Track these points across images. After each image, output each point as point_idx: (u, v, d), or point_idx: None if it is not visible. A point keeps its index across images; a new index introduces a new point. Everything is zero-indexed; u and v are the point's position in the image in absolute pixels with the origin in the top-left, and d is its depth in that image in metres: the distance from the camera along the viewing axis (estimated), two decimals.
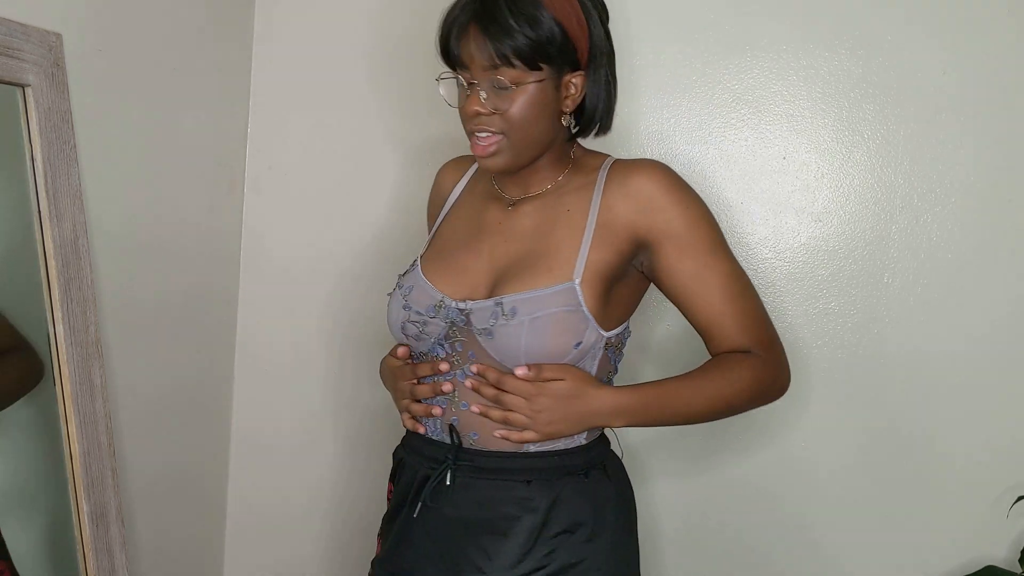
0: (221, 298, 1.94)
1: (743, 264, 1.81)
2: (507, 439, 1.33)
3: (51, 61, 1.38)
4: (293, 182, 1.96)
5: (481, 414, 1.34)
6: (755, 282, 1.79)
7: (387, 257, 1.86)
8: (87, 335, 1.43)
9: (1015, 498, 1.69)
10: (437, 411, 1.37)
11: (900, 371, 1.78)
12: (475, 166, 1.50)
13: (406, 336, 1.39)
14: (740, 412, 1.42)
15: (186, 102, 1.76)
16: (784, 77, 1.78)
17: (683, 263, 1.36)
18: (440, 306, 1.36)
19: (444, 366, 1.36)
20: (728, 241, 1.79)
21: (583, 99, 1.37)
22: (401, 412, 1.43)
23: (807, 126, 1.79)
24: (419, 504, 1.37)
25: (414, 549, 1.39)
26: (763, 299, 1.79)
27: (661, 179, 1.37)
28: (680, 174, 1.40)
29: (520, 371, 1.31)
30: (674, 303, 1.42)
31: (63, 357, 1.39)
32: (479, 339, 1.33)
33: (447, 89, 1.36)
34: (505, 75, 1.29)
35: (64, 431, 1.40)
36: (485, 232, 1.41)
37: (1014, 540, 1.74)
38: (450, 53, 1.33)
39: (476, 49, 1.29)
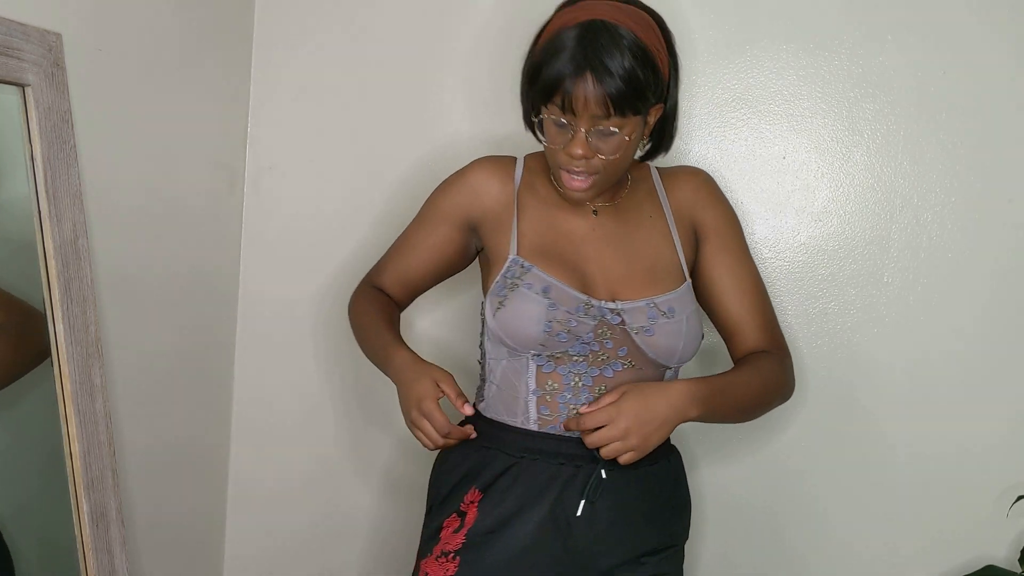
0: (220, 296, 1.94)
1: None
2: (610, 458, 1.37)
3: (51, 61, 1.38)
4: (293, 182, 1.96)
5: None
6: None
7: None
8: (87, 335, 1.43)
9: (1015, 498, 1.69)
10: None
11: (900, 371, 1.78)
12: (520, 167, 1.50)
13: (547, 335, 1.38)
14: (767, 410, 1.51)
15: (186, 102, 1.76)
16: (784, 77, 1.79)
17: (724, 258, 1.50)
18: (588, 305, 1.40)
19: (473, 434, 1.43)
20: None
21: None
22: (413, 428, 1.40)
23: (807, 126, 1.79)
24: (583, 502, 1.39)
25: (553, 552, 1.40)
26: None
27: (709, 180, 1.54)
28: None
29: (584, 409, 1.37)
30: (706, 300, 1.51)
31: (63, 357, 1.39)
32: (635, 337, 1.40)
33: (549, 120, 1.36)
34: (613, 123, 1.33)
35: (64, 431, 1.40)
36: (582, 237, 1.46)
37: (1014, 540, 1.74)
38: (555, 94, 1.32)
39: (591, 98, 1.30)
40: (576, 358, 1.40)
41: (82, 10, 1.47)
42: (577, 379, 1.41)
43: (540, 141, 1.45)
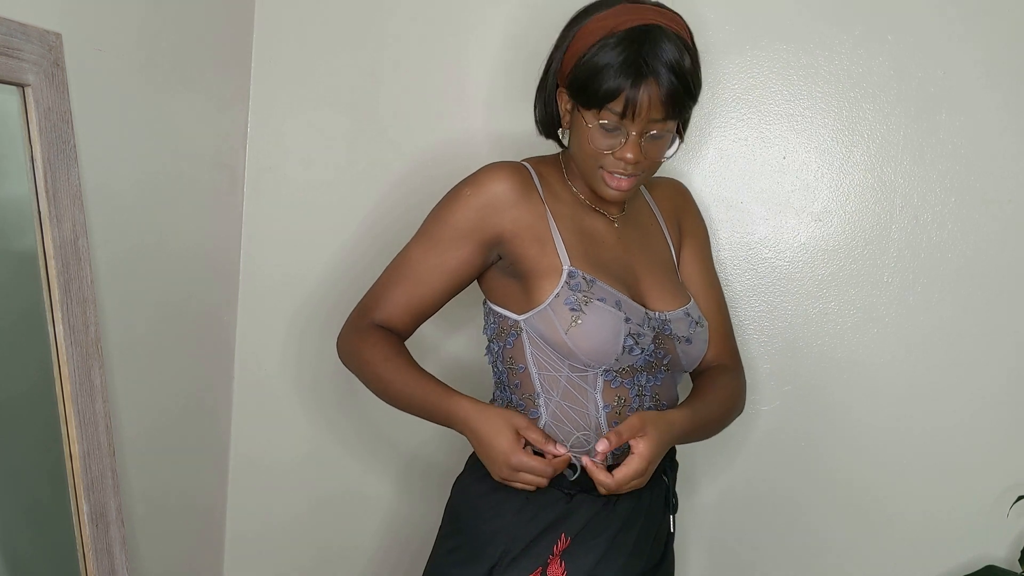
0: (221, 297, 1.94)
1: (744, 264, 1.82)
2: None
3: (51, 61, 1.38)
4: (293, 182, 1.96)
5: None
6: (755, 282, 1.82)
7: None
8: (87, 335, 1.43)
9: (1015, 498, 1.69)
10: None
11: (899, 371, 1.78)
12: (535, 174, 1.43)
13: (625, 350, 1.36)
14: (726, 426, 1.52)
15: (186, 102, 1.76)
16: (784, 77, 1.79)
17: (696, 265, 1.54)
18: (648, 317, 1.40)
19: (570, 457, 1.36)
20: (728, 241, 1.82)
21: None
22: (511, 482, 1.35)
23: (807, 126, 1.79)
24: (672, 517, 1.46)
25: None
26: (763, 299, 1.82)
27: (688, 190, 1.61)
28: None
29: (601, 446, 1.30)
30: None
31: (63, 357, 1.39)
32: (677, 347, 1.42)
33: (598, 125, 1.33)
34: (667, 125, 1.34)
35: (64, 431, 1.40)
36: (612, 244, 1.44)
37: (1014, 540, 1.74)
38: (614, 100, 1.30)
39: (653, 102, 1.30)
40: (639, 370, 1.39)
41: (82, 10, 1.47)
42: (641, 389, 1.40)
43: (561, 143, 1.44)
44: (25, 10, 1.34)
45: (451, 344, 1.90)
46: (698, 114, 1.80)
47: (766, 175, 1.81)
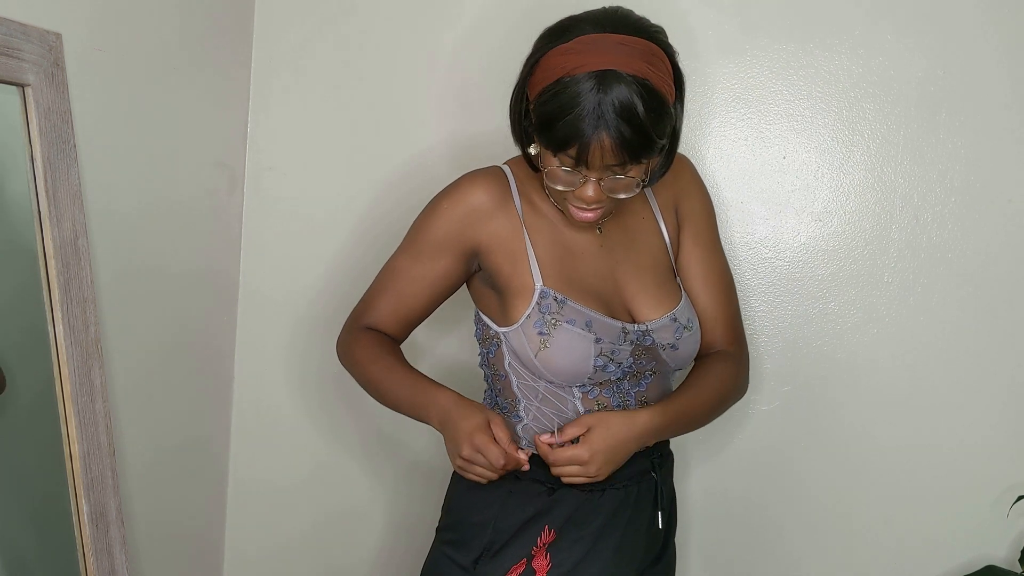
0: (221, 298, 1.94)
1: (744, 264, 1.82)
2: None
3: (51, 61, 1.38)
4: (293, 182, 1.96)
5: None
6: (755, 282, 1.82)
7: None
8: (87, 335, 1.43)
9: (1015, 498, 1.69)
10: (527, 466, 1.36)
11: (900, 371, 1.78)
12: (512, 181, 1.42)
13: (597, 370, 1.36)
14: (723, 412, 1.50)
15: (186, 102, 1.76)
16: (784, 77, 1.79)
17: (697, 248, 1.49)
18: (625, 332, 1.38)
19: (526, 466, 1.36)
20: (728, 241, 1.82)
21: None
22: (466, 466, 1.36)
23: (807, 126, 1.79)
24: (660, 514, 1.44)
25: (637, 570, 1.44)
26: (763, 299, 1.82)
27: (690, 164, 1.52)
28: None
29: (545, 438, 1.32)
30: None
31: (63, 357, 1.39)
32: (662, 353, 1.41)
33: (556, 167, 1.30)
34: (626, 170, 1.29)
35: (64, 431, 1.40)
36: (593, 254, 1.42)
37: (1014, 540, 1.74)
38: (569, 147, 1.26)
39: (607, 153, 1.25)
40: (618, 380, 1.39)
41: (82, 10, 1.47)
42: (622, 397, 1.40)
43: (531, 159, 1.39)
44: (25, 10, 1.34)
45: (443, 346, 1.90)
46: (698, 114, 1.81)
47: (766, 175, 1.81)
